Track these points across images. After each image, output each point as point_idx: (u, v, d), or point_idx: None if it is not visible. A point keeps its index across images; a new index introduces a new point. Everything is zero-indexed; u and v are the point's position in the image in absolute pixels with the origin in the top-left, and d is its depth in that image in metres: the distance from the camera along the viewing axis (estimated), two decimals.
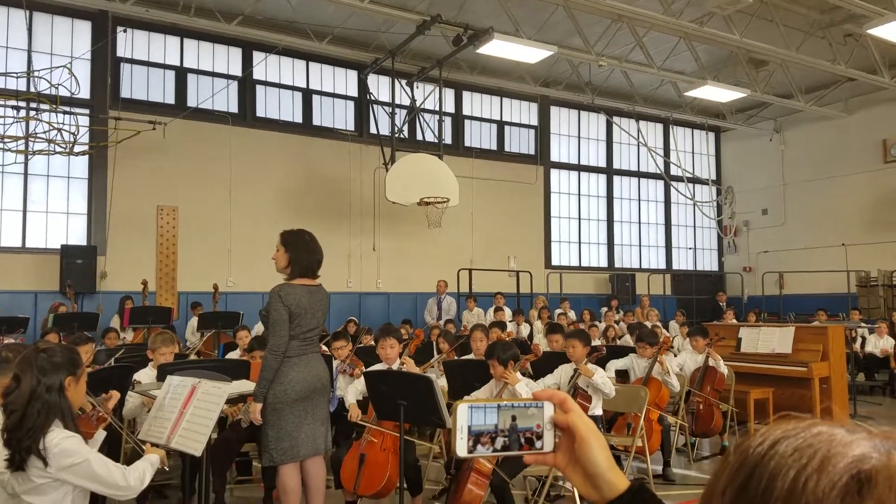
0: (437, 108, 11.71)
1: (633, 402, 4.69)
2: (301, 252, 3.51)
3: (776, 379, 6.31)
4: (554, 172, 14.59)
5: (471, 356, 5.45)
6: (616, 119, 14.70)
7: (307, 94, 11.83)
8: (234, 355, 5.90)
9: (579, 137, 15.06)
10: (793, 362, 6.24)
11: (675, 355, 6.63)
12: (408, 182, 10.45)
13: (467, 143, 13.42)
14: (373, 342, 5.68)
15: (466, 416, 0.84)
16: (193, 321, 8.86)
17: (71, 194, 10.14)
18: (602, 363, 5.03)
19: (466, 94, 13.48)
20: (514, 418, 0.85)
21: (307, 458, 3.47)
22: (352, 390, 4.27)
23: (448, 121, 12.98)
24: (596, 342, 7.29)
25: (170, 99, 10.68)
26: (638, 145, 15.36)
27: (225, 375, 3.17)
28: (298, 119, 11.77)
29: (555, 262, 14.41)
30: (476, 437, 0.84)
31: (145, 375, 4.07)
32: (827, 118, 14.11)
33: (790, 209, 15.02)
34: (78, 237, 10.12)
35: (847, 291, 13.35)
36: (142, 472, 2.38)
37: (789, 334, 6.42)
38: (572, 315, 11.19)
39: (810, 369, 6.07)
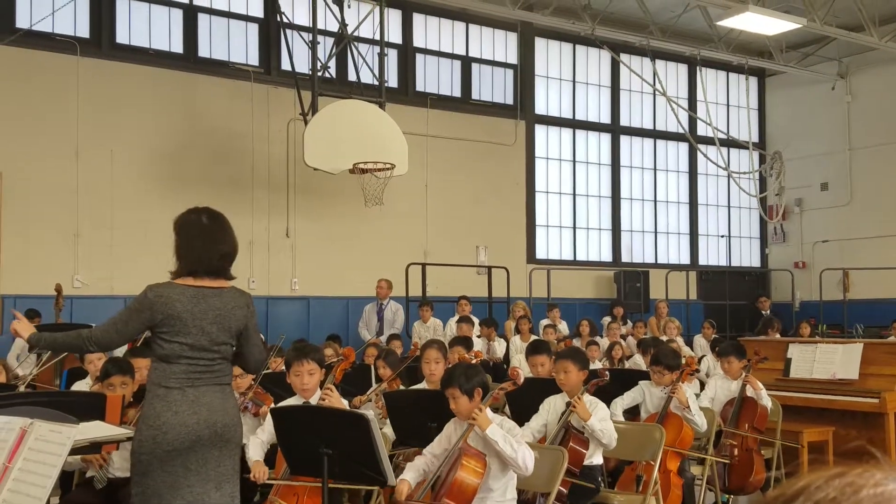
0: (378, 38, 11.65)
1: (645, 446, 4.78)
2: (192, 239, 3.50)
3: (838, 414, 6.47)
4: (539, 130, 14.69)
5: (422, 385, 5.46)
6: (624, 57, 14.86)
7: (190, 12, 11.65)
8: (82, 385, 5.81)
9: (574, 82, 15.18)
10: (861, 392, 6.40)
11: (703, 383, 6.78)
12: (336, 141, 10.40)
13: (420, 88, 13.40)
14: (283, 367, 5.64)
15: None
16: None
17: None
18: (605, 394, 5.10)
19: (418, 19, 13.43)
20: None
21: None
22: (255, 441, 4.23)
23: (393, 55, 12.92)
24: (596, 365, 7.40)
25: None
26: (654, 94, 15.58)
27: (68, 415, 3.12)
28: (178, 48, 11.60)
29: (540, 254, 14.53)
30: None
31: None
32: None
33: (859, 184, 15.45)
34: None
35: None
36: None
37: (856, 353, 6.58)
38: (564, 328, 11.32)
39: (884, 401, 6.22)
